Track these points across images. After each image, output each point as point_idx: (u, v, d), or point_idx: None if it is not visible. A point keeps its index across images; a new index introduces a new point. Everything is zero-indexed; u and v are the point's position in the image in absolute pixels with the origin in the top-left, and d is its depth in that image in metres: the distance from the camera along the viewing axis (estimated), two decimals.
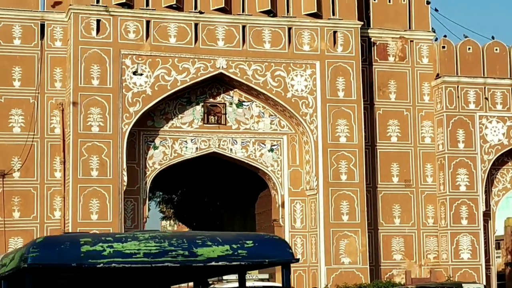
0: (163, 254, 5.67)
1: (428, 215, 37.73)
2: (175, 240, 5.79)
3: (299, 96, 35.73)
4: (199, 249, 5.75)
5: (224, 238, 5.89)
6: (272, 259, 6.00)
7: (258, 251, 5.93)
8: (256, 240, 6.04)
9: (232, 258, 5.84)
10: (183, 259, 5.70)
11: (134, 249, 5.60)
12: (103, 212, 33.15)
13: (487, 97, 38.14)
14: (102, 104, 33.48)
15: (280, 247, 6.08)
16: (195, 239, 5.80)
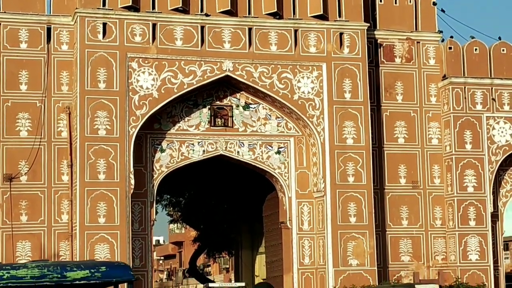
0: (43, 277, 8.51)
1: (436, 216, 37.81)
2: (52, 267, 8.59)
3: (305, 98, 35.85)
4: (67, 273, 8.61)
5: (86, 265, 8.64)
6: (118, 278, 8.68)
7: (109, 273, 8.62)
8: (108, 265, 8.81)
9: (90, 278, 8.61)
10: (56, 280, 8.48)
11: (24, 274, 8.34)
12: (110, 215, 33.28)
13: (494, 98, 38.22)
14: (109, 107, 33.61)
15: (125, 270, 8.76)
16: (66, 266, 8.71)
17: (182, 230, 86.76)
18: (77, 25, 33.90)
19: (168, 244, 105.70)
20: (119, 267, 8.64)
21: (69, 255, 33.02)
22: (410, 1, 38.35)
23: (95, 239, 33.14)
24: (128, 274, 8.43)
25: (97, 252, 32.66)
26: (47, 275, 8.28)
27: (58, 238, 33.91)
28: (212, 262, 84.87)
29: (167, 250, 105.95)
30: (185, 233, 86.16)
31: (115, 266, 8.41)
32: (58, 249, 33.63)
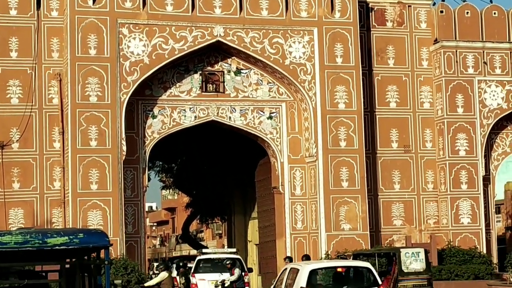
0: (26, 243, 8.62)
1: (428, 180, 38.01)
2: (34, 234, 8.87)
3: (297, 63, 35.85)
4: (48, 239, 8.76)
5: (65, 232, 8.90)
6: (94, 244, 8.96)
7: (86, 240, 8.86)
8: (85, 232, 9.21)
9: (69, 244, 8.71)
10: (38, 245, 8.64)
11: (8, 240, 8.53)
12: (102, 182, 33.39)
13: (486, 61, 38.28)
14: (99, 73, 33.58)
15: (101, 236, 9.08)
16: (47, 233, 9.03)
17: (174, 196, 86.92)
18: None
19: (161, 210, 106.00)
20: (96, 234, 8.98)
21: (61, 222, 33.14)
22: None
23: (87, 206, 33.25)
24: (104, 241, 8.70)
25: (90, 219, 32.79)
26: (29, 241, 8.54)
27: (51, 205, 34.04)
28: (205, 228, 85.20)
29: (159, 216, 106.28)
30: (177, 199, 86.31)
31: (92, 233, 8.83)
32: (51, 216, 33.76)
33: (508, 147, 39.98)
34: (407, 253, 28.43)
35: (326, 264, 22.95)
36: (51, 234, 8.56)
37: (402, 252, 28.22)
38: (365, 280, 20.34)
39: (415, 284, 27.33)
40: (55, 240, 8.51)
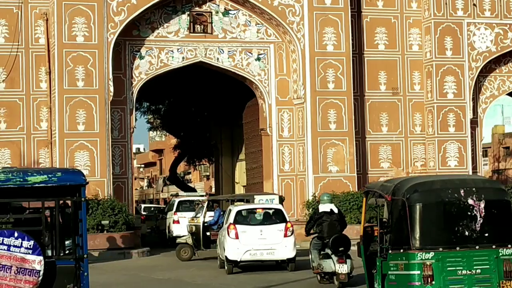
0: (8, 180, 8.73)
1: (416, 123, 38.23)
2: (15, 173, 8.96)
3: (285, 4, 35.81)
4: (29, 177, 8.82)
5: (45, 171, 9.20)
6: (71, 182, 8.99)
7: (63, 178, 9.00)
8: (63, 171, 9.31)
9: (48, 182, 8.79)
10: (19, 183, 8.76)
11: None
12: (90, 123, 33.52)
13: (475, 3, 38.29)
14: (86, 13, 33.54)
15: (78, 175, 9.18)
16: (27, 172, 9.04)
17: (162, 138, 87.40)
18: None
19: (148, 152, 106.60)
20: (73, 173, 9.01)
21: (48, 163, 33.39)
22: None
23: (74, 147, 33.43)
24: (80, 179, 8.69)
25: (77, 159, 33.00)
26: (11, 179, 8.58)
27: (38, 146, 34.22)
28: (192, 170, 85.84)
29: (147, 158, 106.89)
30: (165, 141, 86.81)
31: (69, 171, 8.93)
32: (38, 156, 33.95)
33: (496, 90, 40.19)
34: (261, 199, 29.93)
35: (248, 206, 27.35)
36: (31, 173, 8.60)
37: (256, 198, 29.76)
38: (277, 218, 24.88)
39: None
40: (35, 178, 8.56)
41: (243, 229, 25.44)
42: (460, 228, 13.87)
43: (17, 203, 9.73)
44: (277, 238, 24.12)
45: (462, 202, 14.04)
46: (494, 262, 13.46)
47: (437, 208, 14.16)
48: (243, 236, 25.25)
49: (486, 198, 14.06)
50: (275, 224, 24.94)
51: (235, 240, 25.19)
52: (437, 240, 13.70)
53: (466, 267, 13.50)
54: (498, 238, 13.84)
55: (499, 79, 40.06)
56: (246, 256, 24.99)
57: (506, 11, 38.67)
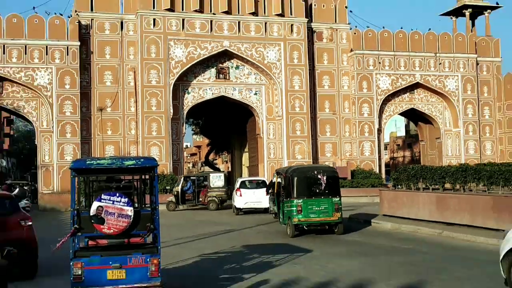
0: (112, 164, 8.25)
1: (346, 130, 38.39)
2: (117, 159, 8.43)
3: (271, 62, 36.30)
4: (125, 162, 8.30)
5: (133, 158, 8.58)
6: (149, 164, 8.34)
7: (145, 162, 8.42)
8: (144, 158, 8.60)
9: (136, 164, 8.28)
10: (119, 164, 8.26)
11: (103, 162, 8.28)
12: (159, 131, 34.10)
13: (380, 61, 38.66)
14: (157, 68, 34.20)
15: (153, 161, 8.45)
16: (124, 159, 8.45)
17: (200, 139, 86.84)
18: (137, 19, 34.23)
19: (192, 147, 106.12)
20: (150, 159, 8.50)
21: (135, 154, 33.74)
22: (331, 5, 38.49)
23: (150, 144, 34.02)
24: (154, 163, 8.33)
25: (152, 152, 33.57)
26: (114, 163, 8.20)
27: (129, 144, 34.72)
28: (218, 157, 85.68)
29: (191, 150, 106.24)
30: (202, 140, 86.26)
31: (148, 158, 8.49)
32: (129, 150, 34.45)
33: (392, 111, 40.31)
34: (213, 176, 30.47)
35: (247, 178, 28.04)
36: (126, 159, 8.37)
37: (210, 176, 30.33)
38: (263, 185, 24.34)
39: (217, 194, 29.81)
40: (128, 162, 8.25)
41: (244, 191, 26.66)
42: (314, 188, 17.46)
43: (118, 177, 9.21)
44: (262, 196, 24.63)
45: (315, 177, 17.52)
46: (330, 204, 17.36)
47: (304, 179, 17.55)
48: (244, 195, 26.49)
49: (326, 175, 17.57)
50: (261, 188, 25.68)
51: (239, 197, 26.74)
52: (303, 194, 17.27)
53: (317, 206, 17.52)
54: (332, 193, 17.53)
55: (393, 105, 40.17)
56: (246, 206, 26.55)
57: (397, 67, 39.01)
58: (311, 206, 16.97)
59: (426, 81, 39.65)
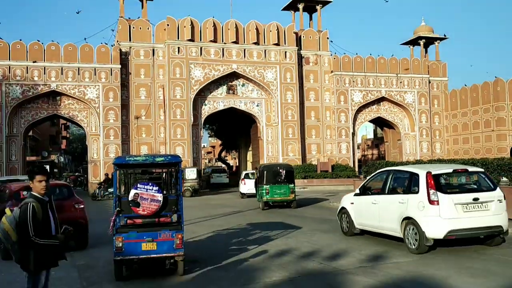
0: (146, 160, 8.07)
1: (327, 134, 38.46)
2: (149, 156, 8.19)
3: (270, 81, 36.36)
4: (156, 158, 8.11)
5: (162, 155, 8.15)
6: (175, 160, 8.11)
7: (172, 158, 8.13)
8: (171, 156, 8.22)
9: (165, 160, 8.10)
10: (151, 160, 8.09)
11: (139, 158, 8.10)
12: (182, 134, 34.15)
13: (354, 80, 38.74)
14: (181, 85, 34.25)
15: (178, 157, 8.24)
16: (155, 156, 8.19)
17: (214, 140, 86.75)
18: (165, 48, 34.27)
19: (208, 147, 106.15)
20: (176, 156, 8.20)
21: (164, 152, 33.78)
22: (316, 36, 38.58)
23: (176, 144, 34.08)
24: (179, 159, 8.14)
25: (177, 151, 33.66)
26: (147, 159, 8.02)
27: (159, 144, 34.74)
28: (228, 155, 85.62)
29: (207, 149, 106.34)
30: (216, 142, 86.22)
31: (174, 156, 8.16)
32: (159, 149, 34.47)
33: (363, 119, 40.47)
34: (188, 170, 29.45)
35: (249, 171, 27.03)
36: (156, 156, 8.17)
37: (186, 170, 28.88)
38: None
39: (191, 184, 29.19)
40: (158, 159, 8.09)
41: (247, 181, 26.53)
42: (277, 178, 19.50)
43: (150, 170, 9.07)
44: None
45: (278, 171, 19.64)
46: (287, 188, 19.43)
47: (270, 172, 19.67)
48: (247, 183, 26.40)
49: (285, 169, 19.70)
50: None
51: (244, 185, 26.69)
52: (270, 182, 19.41)
53: (278, 189, 19.48)
54: (288, 181, 19.59)
55: (364, 114, 40.13)
56: (248, 191, 26.04)
57: (367, 85, 39.08)
58: (274, 189, 19.33)
59: (390, 96, 39.73)
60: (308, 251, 9.69)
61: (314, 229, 12.94)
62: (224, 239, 11.91)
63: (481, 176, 9.72)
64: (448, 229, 8.82)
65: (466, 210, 8.94)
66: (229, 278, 7.68)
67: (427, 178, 9.14)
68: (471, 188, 9.55)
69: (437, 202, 8.90)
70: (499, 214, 9.20)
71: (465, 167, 10.07)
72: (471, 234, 9.06)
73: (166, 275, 7.98)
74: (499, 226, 9.16)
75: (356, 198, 11.37)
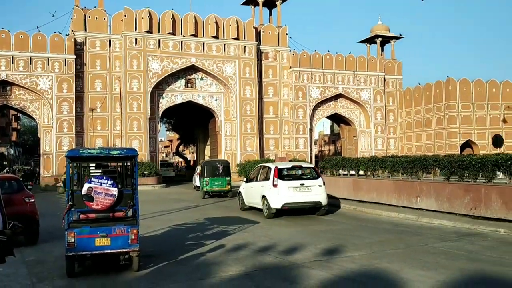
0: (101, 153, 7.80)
1: (285, 129, 38.88)
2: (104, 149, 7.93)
3: (229, 75, 36.32)
4: (111, 151, 7.86)
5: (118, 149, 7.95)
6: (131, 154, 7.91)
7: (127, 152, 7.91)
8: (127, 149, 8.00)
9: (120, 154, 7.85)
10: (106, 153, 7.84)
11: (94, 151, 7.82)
12: (139, 127, 33.72)
13: (313, 77, 39.15)
14: (138, 77, 33.72)
15: (134, 150, 8.01)
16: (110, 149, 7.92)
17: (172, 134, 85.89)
18: (123, 39, 33.61)
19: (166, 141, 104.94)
20: (131, 149, 7.99)
21: (120, 145, 33.26)
22: (276, 32, 38.74)
23: (132, 138, 33.53)
24: (135, 152, 7.95)
25: (134, 144, 33.10)
26: (102, 152, 7.77)
27: (115, 137, 34.17)
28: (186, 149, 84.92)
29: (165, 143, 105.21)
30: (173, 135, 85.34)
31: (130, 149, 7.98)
32: (115, 143, 33.90)
33: (321, 115, 41.06)
34: None
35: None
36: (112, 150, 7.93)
37: None
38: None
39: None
40: (113, 152, 7.86)
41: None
42: (216, 172, 21.75)
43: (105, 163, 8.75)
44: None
45: (216, 166, 21.95)
46: (224, 180, 21.63)
47: (210, 167, 22.00)
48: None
49: (223, 165, 22.00)
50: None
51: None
52: (210, 175, 21.72)
53: (217, 181, 21.57)
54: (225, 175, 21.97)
55: (322, 110, 40.83)
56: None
57: (325, 81, 39.62)
58: (213, 181, 21.89)
59: (347, 93, 40.40)
60: (265, 245, 9.74)
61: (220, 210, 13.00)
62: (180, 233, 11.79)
63: (312, 170, 14.70)
64: (283, 202, 13.71)
65: (296, 191, 13.82)
66: (185, 272, 7.60)
67: (274, 170, 14.04)
68: (301, 177, 14.30)
69: (277, 186, 13.81)
70: (319, 194, 13.99)
71: (300, 164, 15.31)
72: (298, 206, 13.91)
73: (120, 270, 7.83)
74: (319, 202, 14.04)
75: (245, 184, 16.27)
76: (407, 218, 13.44)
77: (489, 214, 11.90)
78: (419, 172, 14.96)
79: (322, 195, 14.02)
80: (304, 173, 14.64)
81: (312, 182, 14.02)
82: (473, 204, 12.37)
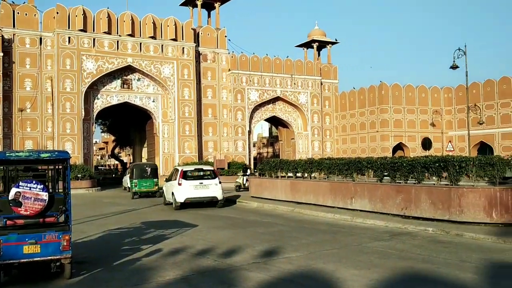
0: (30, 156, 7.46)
1: (224, 131, 38.93)
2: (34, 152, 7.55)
3: (167, 77, 35.90)
4: (41, 154, 7.53)
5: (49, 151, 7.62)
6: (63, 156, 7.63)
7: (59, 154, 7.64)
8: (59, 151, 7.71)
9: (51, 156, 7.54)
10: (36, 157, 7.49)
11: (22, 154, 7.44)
12: (72, 129, 32.63)
13: (251, 80, 39.41)
14: (71, 77, 32.56)
15: (66, 153, 7.72)
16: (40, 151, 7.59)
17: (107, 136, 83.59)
18: (55, 37, 32.34)
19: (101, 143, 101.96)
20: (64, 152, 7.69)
21: (51, 148, 32.01)
22: (215, 34, 38.64)
23: (65, 140, 32.39)
24: (67, 155, 7.66)
25: (66, 146, 31.97)
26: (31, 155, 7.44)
27: (46, 139, 32.90)
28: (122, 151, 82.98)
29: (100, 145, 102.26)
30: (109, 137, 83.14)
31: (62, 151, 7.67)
32: (46, 145, 32.62)
33: (259, 118, 41.44)
34: None
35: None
36: (42, 152, 7.57)
37: None
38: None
39: None
40: (44, 155, 7.52)
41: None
42: (144, 174, 23.45)
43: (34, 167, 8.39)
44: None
45: (145, 168, 23.82)
46: (152, 182, 23.59)
47: (139, 169, 23.77)
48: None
49: (150, 167, 23.88)
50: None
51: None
52: (138, 176, 23.40)
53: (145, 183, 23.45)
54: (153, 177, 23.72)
55: (260, 113, 40.96)
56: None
57: (263, 84, 39.96)
58: (142, 183, 23.54)
59: (285, 96, 41.03)
60: (203, 248, 9.66)
61: None
62: (116, 238, 11.46)
63: (211, 171, 18.25)
64: (185, 197, 17.31)
65: (195, 188, 17.44)
66: (120, 278, 7.38)
67: (180, 172, 17.64)
68: (202, 177, 17.80)
69: (181, 184, 17.38)
70: (216, 191, 17.62)
71: (201, 167, 18.97)
72: (198, 200, 17.43)
73: (51, 279, 7.48)
74: (215, 197, 17.63)
75: (165, 183, 19.41)
76: (342, 219, 13.78)
77: (419, 214, 12.45)
78: (353, 174, 15.33)
79: (218, 192, 17.65)
80: (205, 174, 18.09)
81: (210, 181, 17.67)
82: (404, 204, 12.89)
